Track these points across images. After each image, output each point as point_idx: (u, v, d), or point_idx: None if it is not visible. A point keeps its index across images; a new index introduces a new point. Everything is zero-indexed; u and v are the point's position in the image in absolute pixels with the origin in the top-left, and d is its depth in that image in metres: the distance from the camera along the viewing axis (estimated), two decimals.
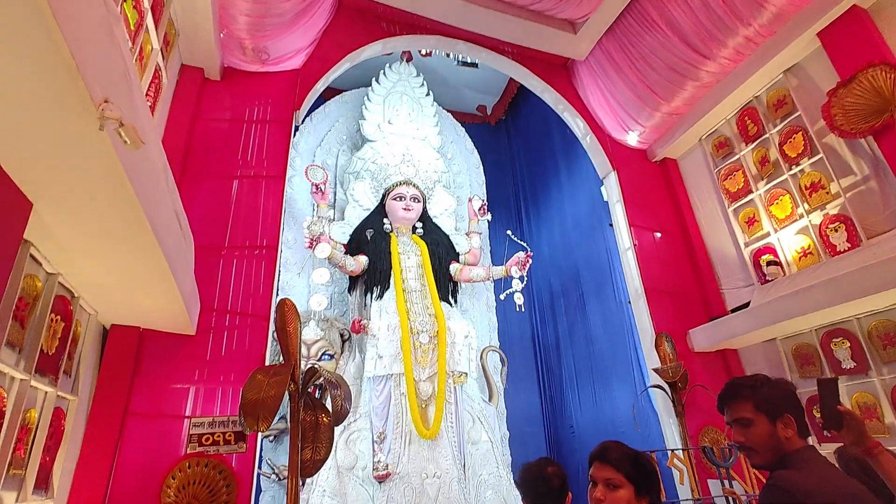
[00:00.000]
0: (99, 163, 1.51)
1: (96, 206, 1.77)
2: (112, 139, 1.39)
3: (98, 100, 1.28)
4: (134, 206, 1.74)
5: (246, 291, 3.83)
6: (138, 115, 1.62)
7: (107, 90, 1.32)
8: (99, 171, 1.55)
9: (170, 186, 2.30)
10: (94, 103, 1.27)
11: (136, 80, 1.68)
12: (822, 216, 4.30)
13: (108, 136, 1.38)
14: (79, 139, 1.41)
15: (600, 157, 5.89)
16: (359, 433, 4.12)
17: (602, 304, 6.26)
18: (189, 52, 4.11)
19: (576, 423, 6.49)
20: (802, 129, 4.48)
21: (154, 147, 1.95)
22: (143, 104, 1.80)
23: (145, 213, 1.82)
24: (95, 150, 1.44)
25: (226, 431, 3.23)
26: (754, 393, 1.52)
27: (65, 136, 1.41)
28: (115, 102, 1.33)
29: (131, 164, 1.61)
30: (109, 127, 1.33)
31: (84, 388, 2.92)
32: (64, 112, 1.31)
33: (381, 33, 5.37)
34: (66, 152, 1.49)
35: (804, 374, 4.39)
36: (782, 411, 1.47)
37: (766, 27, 4.40)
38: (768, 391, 1.52)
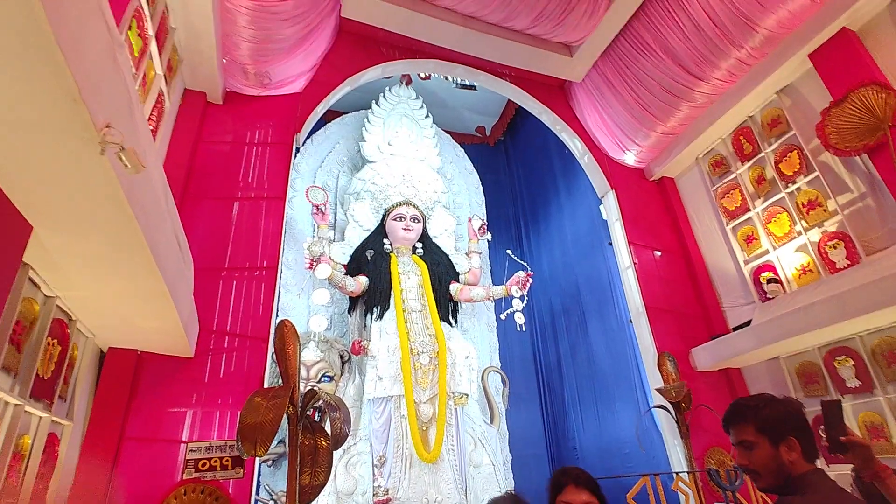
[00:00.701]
0: (99, 187, 1.53)
1: (96, 229, 1.78)
2: (113, 163, 1.41)
3: (100, 125, 1.30)
4: (134, 230, 1.75)
5: (245, 313, 3.82)
6: (140, 139, 1.64)
7: (109, 115, 1.34)
8: (99, 194, 1.56)
9: (170, 209, 2.31)
10: (96, 128, 1.29)
11: (138, 105, 1.71)
12: (820, 233, 4.31)
13: (109, 160, 1.40)
14: (80, 163, 1.43)
15: (598, 176, 5.94)
16: (359, 457, 4.05)
17: (603, 322, 6.22)
18: (192, 76, 4.18)
19: (579, 445, 6.39)
20: (797, 148, 4.52)
21: (155, 170, 1.97)
22: (144, 129, 1.82)
23: (145, 236, 1.83)
24: (96, 174, 1.46)
25: (223, 456, 3.18)
26: (756, 415, 1.48)
27: (66, 160, 1.43)
28: (116, 127, 1.35)
29: (132, 188, 1.62)
30: (111, 151, 1.35)
31: (79, 412, 2.88)
32: (66, 136, 1.33)
33: (380, 57, 5.48)
34: (67, 176, 1.50)
35: (809, 392, 4.33)
36: (785, 434, 1.43)
37: (758, 49, 4.49)
38: (770, 412, 1.48)
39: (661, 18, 4.88)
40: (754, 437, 1.47)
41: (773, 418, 1.47)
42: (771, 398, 1.54)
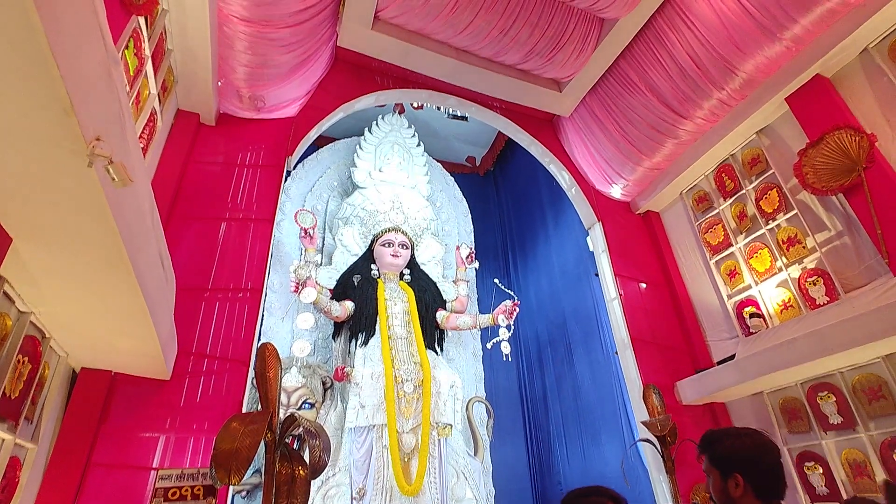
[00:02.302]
0: (85, 200, 1.51)
1: (78, 243, 1.75)
2: (100, 177, 1.40)
3: (90, 137, 1.30)
4: (117, 246, 1.72)
5: (227, 335, 3.73)
6: (130, 155, 1.63)
7: (99, 129, 1.34)
8: (84, 208, 1.54)
9: (155, 228, 2.29)
10: (86, 140, 1.29)
11: (129, 121, 1.71)
12: (800, 270, 4.40)
13: (97, 173, 1.39)
14: (66, 175, 1.41)
15: (585, 208, 6.05)
16: (337, 489, 3.90)
17: (589, 354, 6.20)
18: (186, 97, 4.22)
19: (563, 479, 6.25)
20: (777, 186, 4.67)
21: (142, 187, 1.96)
22: (135, 144, 1.82)
23: (128, 253, 1.80)
24: (82, 186, 1.44)
25: (194, 485, 3.04)
26: (712, 448, 1.51)
27: (52, 172, 1.42)
28: (106, 141, 1.35)
29: (118, 204, 1.61)
30: (98, 164, 1.34)
31: (45, 435, 2.75)
32: (54, 147, 1.32)
33: (374, 86, 5.60)
34: (52, 188, 1.48)
35: (792, 429, 4.33)
36: (732, 470, 1.42)
37: (738, 91, 4.69)
38: (723, 447, 1.49)
39: (646, 59, 5.09)
40: (708, 468, 1.50)
41: (724, 453, 1.48)
42: (736, 433, 1.54)
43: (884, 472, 3.65)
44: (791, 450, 4.30)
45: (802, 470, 4.15)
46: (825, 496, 3.97)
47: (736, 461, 1.42)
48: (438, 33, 5.14)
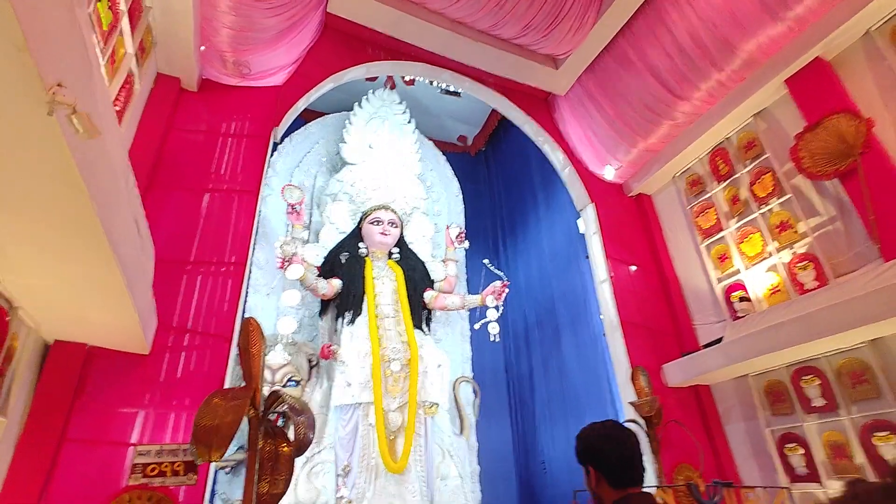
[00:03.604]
0: (48, 155, 1.37)
1: (45, 206, 1.61)
2: (64, 129, 1.27)
3: (50, 82, 1.17)
4: (86, 208, 1.59)
5: (209, 310, 3.61)
6: (98, 107, 1.50)
7: (61, 74, 1.21)
8: (48, 165, 1.41)
9: (130, 192, 2.15)
10: (45, 86, 1.16)
11: (98, 71, 1.57)
12: (790, 254, 4.40)
13: (60, 124, 1.26)
14: (25, 126, 1.28)
15: (578, 189, 5.98)
16: (322, 465, 3.88)
17: (577, 336, 6.21)
18: (166, 60, 4.00)
19: (548, 459, 6.32)
20: (771, 171, 4.64)
21: (115, 147, 1.81)
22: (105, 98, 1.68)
23: (100, 216, 1.67)
24: (44, 139, 1.31)
25: (174, 461, 2.96)
26: (576, 446, 1.55)
27: (9, 122, 1.28)
28: (70, 89, 1.22)
29: (85, 161, 1.48)
30: (60, 113, 1.21)
31: (15, 409, 2.63)
32: (9, 93, 1.19)
33: (365, 57, 5.40)
34: (11, 141, 1.35)
35: (776, 411, 4.39)
36: (586, 463, 1.49)
37: (737, 72, 4.60)
38: (580, 443, 1.53)
39: (645, 37, 4.98)
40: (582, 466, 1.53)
41: (579, 448, 1.53)
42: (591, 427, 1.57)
43: (863, 454, 3.71)
44: (774, 432, 4.36)
45: (783, 451, 4.22)
46: (804, 476, 4.05)
47: (587, 454, 1.49)
48: (433, 2, 4.95)
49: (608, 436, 1.49)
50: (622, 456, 1.44)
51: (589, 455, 1.48)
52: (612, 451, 1.45)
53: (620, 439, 1.47)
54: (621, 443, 1.47)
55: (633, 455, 1.45)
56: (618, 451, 1.44)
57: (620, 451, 1.44)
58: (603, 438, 1.49)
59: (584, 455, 1.50)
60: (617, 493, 1.40)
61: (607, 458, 1.44)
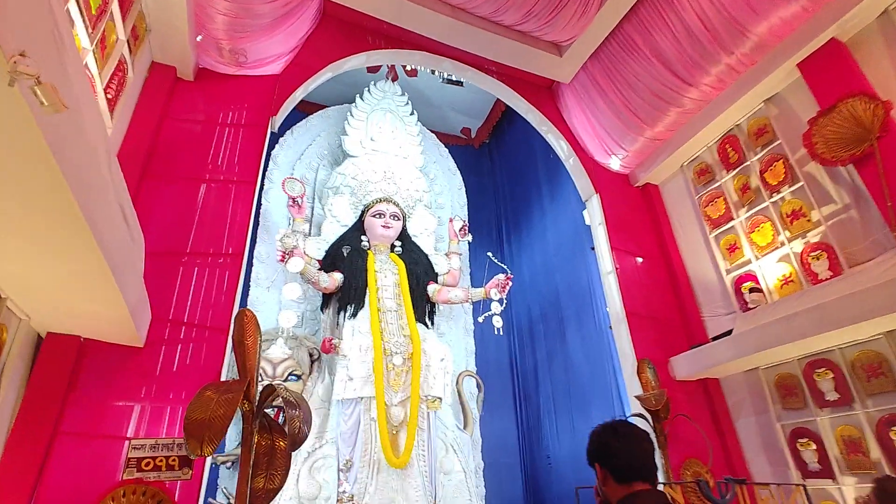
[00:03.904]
0: (15, 131, 1.29)
1: (21, 189, 1.54)
2: (29, 102, 1.19)
3: (10, 51, 1.09)
4: (62, 190, 1.51)
5: (206, 302, 3.55)
6: (70, 81, 1.42)
7: (24, 43, 1.13)
8: (16, 141, 1.33)
9: (115, 178, 2.07)
10: (5, 54, 1.08)
11: (70, 44, 1.49)
12: (803, 244, 4.27)
13: (23, 96, 1.17)
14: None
15: (583, 179, 5.85)
16: (324, 460, 3.83)
17: (582, 329, 6.13)
18: (161, 49, 3.92)
19: (552, 454, 6.26)
20: (783, 157, 4.49)
21: (93, 127, 1.73)
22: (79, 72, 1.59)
23: (78, 201, 1.59)
24: (9, 113, 1.23)
25: (169, 455, 2.90)
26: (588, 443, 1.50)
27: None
28: (34, 59, 1.14)
29: (57, 140, 1.40)
30: (23, 84, 1.13)
31: (6, 402, 2.58)
32: None
33: (365, 45, 5.30)
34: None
35: (787, 405, 4.27)
36: (593, 461, 1.45)
37: (748, 56, 4.46)
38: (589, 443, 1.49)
39: (652, 21, 4.83)
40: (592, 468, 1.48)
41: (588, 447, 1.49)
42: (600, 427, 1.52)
43: (879, 449, 3.60)
44: (785, 426, 4.25)
45: (795, 446, 4.11)
46: (817, 472, 3.93)
47: (594, 452, 1.46)
48: None
49: (615, 430, 1.44)
50: (629, 451, 1.37)
51: (596, 452, 1.44)
52: (619, 446, 1.39)
53: (627, 434, 1.42)
54: (628, 438, 1.41)
55: (641, 450, 1.39)
56: (624, 447, 1.38)
57: (627, 446, 1.38)
58: (610, 433, 1.44)
59: (591, 453, 1.45)
60: (622, 490, 1.33)
61: (613, 454, 1.39)
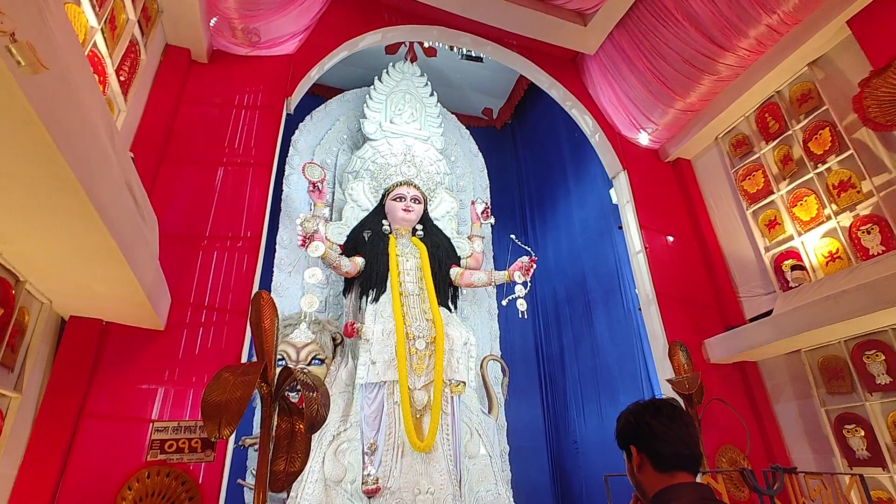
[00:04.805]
0: None
1: (15, 161, 1.49)
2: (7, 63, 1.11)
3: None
4: (59, 163, 1.45)
5: (225, 285, 3.54)
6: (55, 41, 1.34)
7: None
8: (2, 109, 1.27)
9: (119, 153, 2.01)
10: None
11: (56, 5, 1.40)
12: (851, 217, 3.97)
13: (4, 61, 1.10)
14: None
15: (610, 155, 5.60)
16: (349, 444, 3.83)
17: (609, 313, 5.96)
18: (174, 30, 3.87)
19: (579, 439, 6.15)
20: (830, 124, 4.16)
21: (90, 98, 1.67)
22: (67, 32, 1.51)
23: (76, 173, 1.53)
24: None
25: (192, 438, 2.91)
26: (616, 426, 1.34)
27: None
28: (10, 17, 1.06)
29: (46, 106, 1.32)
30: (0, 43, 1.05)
31: (32, 385, 2.61)
32: None
33: (380, 22, 5.15)
34: None
35: (832, 389, 4.01)
36: (627, 443, 1.28)
37: (791, 15, 4.11)
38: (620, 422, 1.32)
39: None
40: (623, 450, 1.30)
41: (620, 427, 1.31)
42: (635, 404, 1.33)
43: None
44: (829, 411, 4.00)
45: (841, 433, 3.86)
46: (866, 460, 3.69)
47: (629, 432, 1.29)
48: None
49: (658, 410, 1.24)
50: (675, 435, 1.18)
51: (632, 433, 1.25)
52: (663, 428, 1.19)
53: (673, 416, 1.22)
54: (674, 420, 1.21)
55: (689, 435, 1.19)
56: (670, 430, 1.19)
57: (673, 430, 1.19)
58: (651, 412, 1.24)
59: (626, 434, 1.27)
60: (662, 480, 1.15)
61: (655, 437, 1.19)
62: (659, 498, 1.14)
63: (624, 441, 1.27)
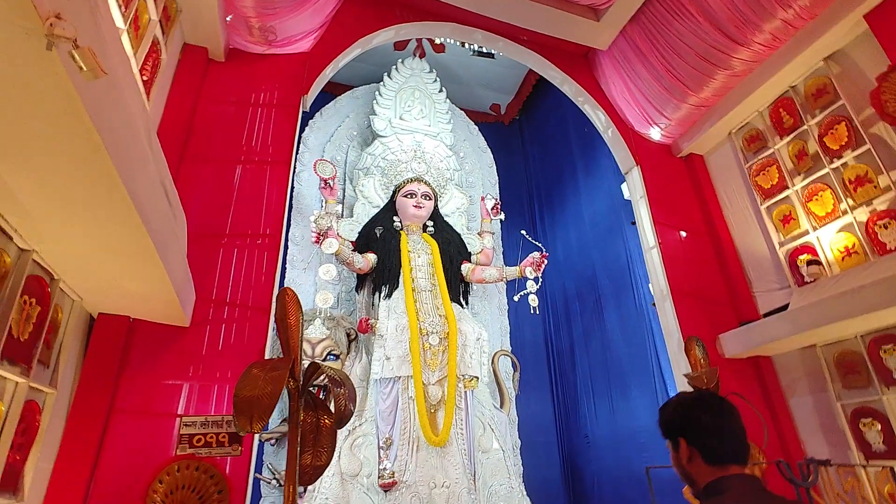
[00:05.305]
0: (54, 99, 1.25)
1: (61, 161, 1.52)
2: (67, 68, 1.15)
3: (46, 13, 1.04)
4: (103, 162, 1.49)
5: (246, 282, 3.59)
6: (106, 46, 1.37)
7: (59, 4, 1.08)
8: (56, 111, 1.30)
9: (155, 153, 2.05)
10: (41, 16, 1.03)
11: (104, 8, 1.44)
12: (868, 212, 3.97)
13: (61, 61, 1.13)
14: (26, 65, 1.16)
15: (623, 151, 5.60)
16: (364, 438, 3.88)
17: (620, 308, 5.97)
18: (192, 29, 3.91)
19: (590, 433, 6.19)
20: (846, 119, 4.15)
21: (132, 99, 1.71)
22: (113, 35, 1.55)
23: (120, 174, 1.57)
24: (47, 80, 1.19)
25: (219, 432, 2.97)
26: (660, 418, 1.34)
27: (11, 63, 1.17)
28: (70, 22, 1.09)
29: (97, 109, 1.36)
30: (61, 48, 1.09)
31: (65, 380, 2.67)
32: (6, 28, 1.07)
33: (393, 19, 5.16)
34: (19, 89, 1.24)
35: (848, 384, 4.03)
36: (676, 435, 1.27)
37: (807, 9, 4.09)
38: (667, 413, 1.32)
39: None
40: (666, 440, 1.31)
41: (666, 418, 1.31)
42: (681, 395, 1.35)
43: None
44: (845, 406, 4.02)
45: (857, 426, 3.88)
46: (882, 453, 3.71)
47: (678, 423, 1.28)
48: None
49: (705, 403, 1.26)
50: (721, 426, 1.20)
51: (681, 426, 1.25)
52: (711, 420, 1.21)
53: (718, 408, 1.24)
54: (719, 411, 1.23)
55: (733, 426, 1.21)
56: (716, 421, 1.21)
57: (720, 421, 1.21)
58: (699, 406, 1.25)
59: (674, 425, 1.27)
60: (714, 472, 1.17)
61: (704, 429, 1.21)
62: (710, 489, 1.17)
63: (672, 433, 1.28)
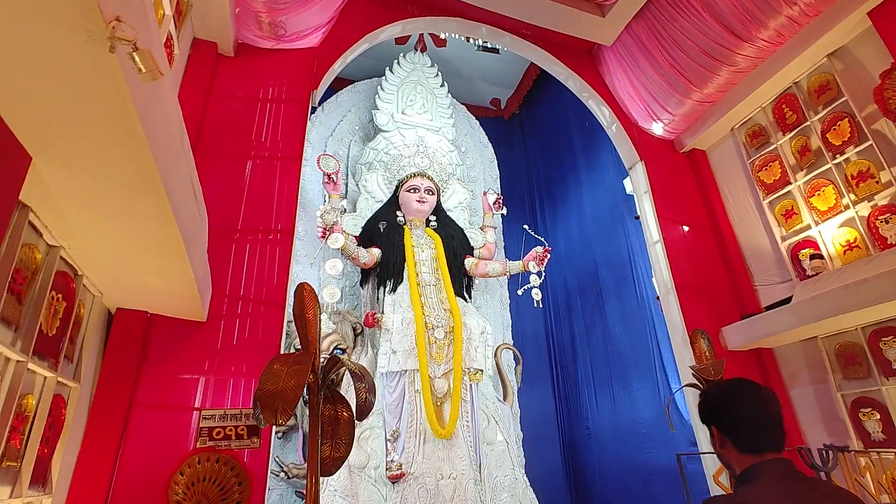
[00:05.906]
0: (107, 101, 1.28)
1: (104, 159, 1.54)
2: (124, 70, 1.17)
3: (109, 15, 1.06)
4: (147, 162, 1.51)
5: (259, 278, 3.61)
6: (154, 46, 1.39)
7: (119, 8, 1.10)
8: (107, 112, 1.32)
9: (185, 149, 2.07)
10: (105, 19, 1.05)
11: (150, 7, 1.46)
12: (870, 207, 4.05)
13: (120, 65, 1.16)
14: (85, 67, 1.18)
15: (627, 146, 5.65)
16: (371, 431, 3.94)
17: (622, 302, 6.04)
18: (202, 24, 3.90)
19: (592, 425, 6.28)
20: (849, 115, 4.22)
21: (169, 97, 1.73)
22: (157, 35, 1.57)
23: (160, 172, 1.59)
24: (104, 82, 1.21)
25: (238, 425, 3.01)
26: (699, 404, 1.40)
27: (68, 62, 1.18)
28: (128, 23, 1.11)
29: (145, 109, 1.39)
30: (121, 51, 1.11)
31: (87, 375, 2.69)
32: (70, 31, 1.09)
33: (400, 14, 5.17)
34: (72, 87, 1.26)
35: (848, 374, 4.13)
36: (710, 423, 1.33)
37: (812, 6, 4.14)
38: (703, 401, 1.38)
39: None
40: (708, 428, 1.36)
41: (702, 407, 1.37)
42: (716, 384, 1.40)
43: None
44: (845, 396, 4.12)
45: (857, 416, 3.99)
46: (881, 442, 3.82)
47: (711, 413, 1.34)
48: None
49: (733, 393, 1.31)
50: (752, 415, 1.25)
51: (713, 415, 1.32)
52: (738, 409, 1.26)
53: (750, 396, 1.29)
54: (750, 400, 1.28)
55: (766, 414, 1.26)
56: (745, 410, 1.26)
57: (750, 410, 1.26)
58: (727, 395, 1.31)
59: (709, 415, 1.34)
60: (747, 460, 1.22)
61: (732, 418, 1.27)
62: (742, 477, 1.22)
63: (706, 420, 1.35)
